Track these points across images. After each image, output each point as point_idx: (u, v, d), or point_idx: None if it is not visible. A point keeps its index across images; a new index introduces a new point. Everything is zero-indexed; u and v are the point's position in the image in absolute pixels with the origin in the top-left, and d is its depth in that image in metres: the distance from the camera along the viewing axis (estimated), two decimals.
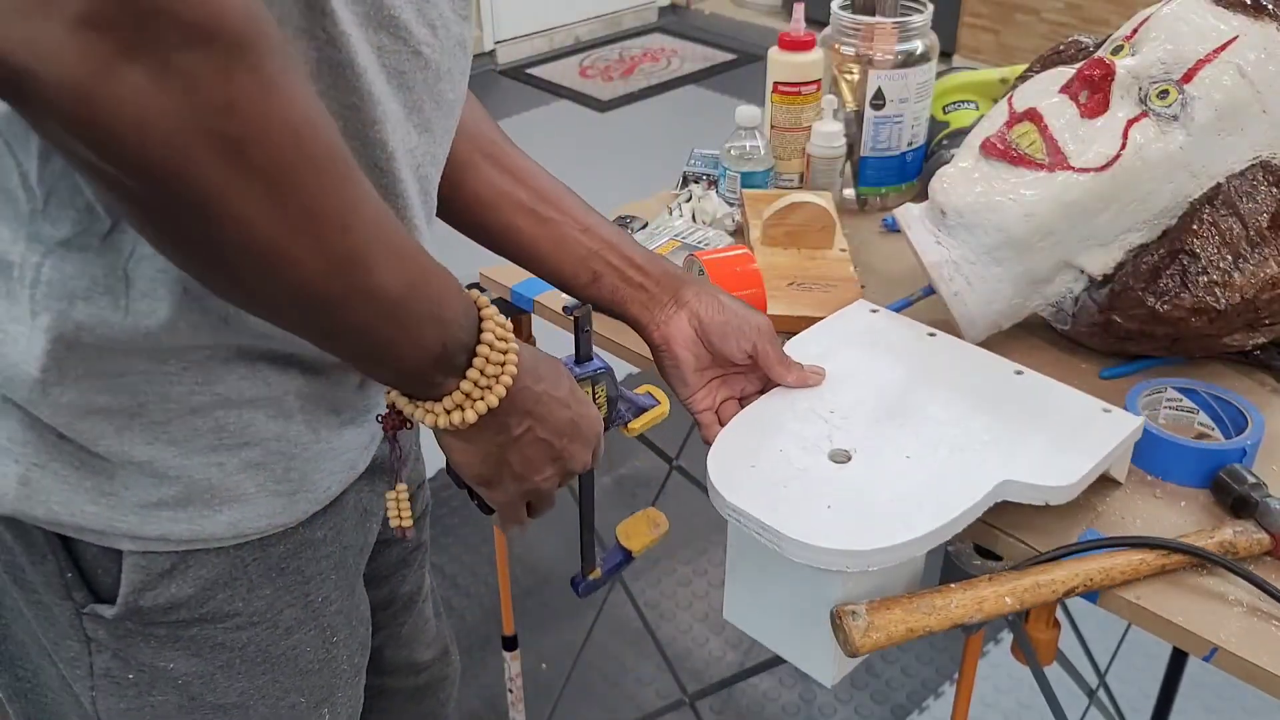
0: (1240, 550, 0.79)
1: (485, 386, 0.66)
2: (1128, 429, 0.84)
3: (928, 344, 0.95)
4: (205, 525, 0.68)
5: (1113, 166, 0.91)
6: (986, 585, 0.75)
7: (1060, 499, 0.79)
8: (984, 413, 0.86)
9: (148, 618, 0.70)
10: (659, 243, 1.18)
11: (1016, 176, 0.94)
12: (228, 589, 0.71)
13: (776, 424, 0.86)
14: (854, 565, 0.74)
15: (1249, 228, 0.90)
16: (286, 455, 0.70)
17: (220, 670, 0.74)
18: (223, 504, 0.68)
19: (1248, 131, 0.91)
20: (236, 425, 0.67)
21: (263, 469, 0.69)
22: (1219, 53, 0.90)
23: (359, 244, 0.55)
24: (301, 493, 0.72)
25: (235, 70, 0.45)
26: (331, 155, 0.52)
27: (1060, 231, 0.94)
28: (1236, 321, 0.93)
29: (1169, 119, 0.91)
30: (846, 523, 0.74)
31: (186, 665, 0.73)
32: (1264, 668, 0.73)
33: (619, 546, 0.91)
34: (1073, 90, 0.94)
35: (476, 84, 3.53)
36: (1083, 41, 1.05)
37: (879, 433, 0.84)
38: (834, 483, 0.79)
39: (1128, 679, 1.82)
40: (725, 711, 1.83)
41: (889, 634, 0.72)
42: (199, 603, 0.71)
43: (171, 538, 0.68)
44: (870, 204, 1.32)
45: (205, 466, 0.67)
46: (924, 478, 0.79)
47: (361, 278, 0.56)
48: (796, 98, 1.27)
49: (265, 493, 0.70)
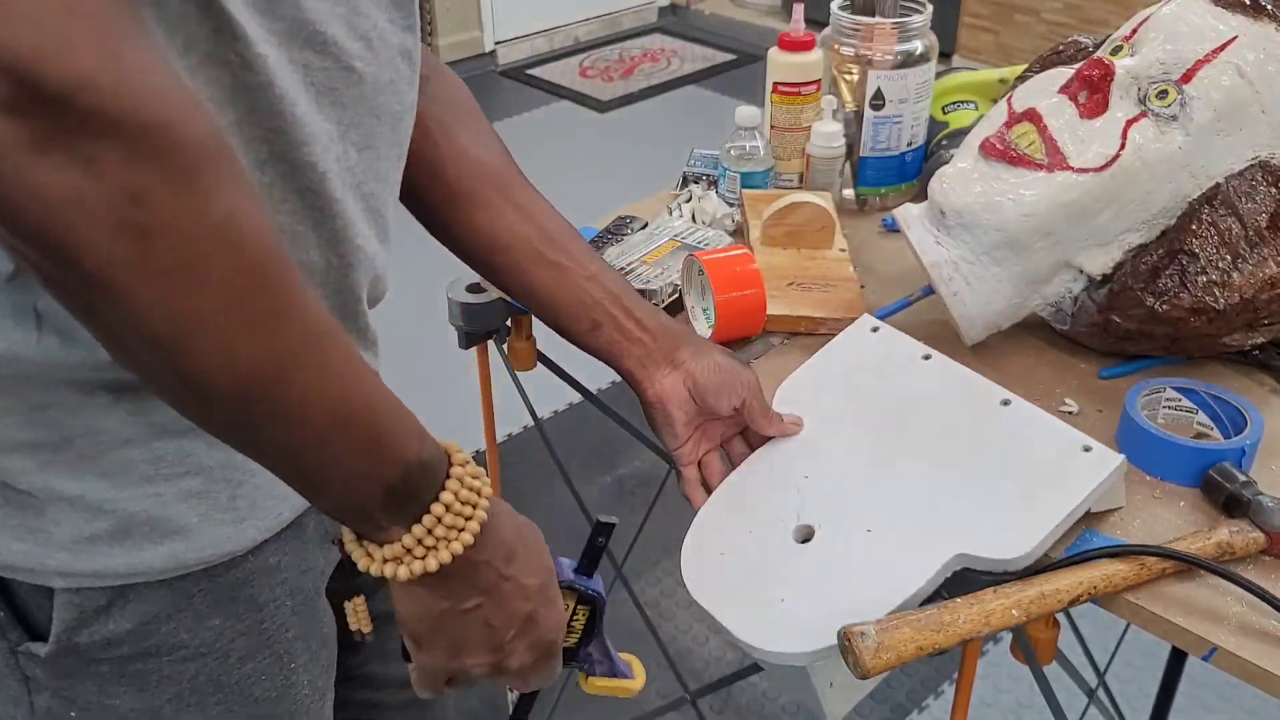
0: (1238, 550, 0.79)
1: (431, 547, 0.61)
2: (1106, 470, 0.81)
3: (919, 370, 0.93)
4: (143, 559, 0.66)
5: (1111, 167, 0.91)
6: (992, 599, 0.75)
7: (1020, 565, 0.78)
8: (955, 464, 0.85)
9: (86, 655, 0.67)
10: (659, 243, 1.19)
11: (1015, 177, 0.94)
12: (171, 621, 0.68)
13: (752, 495, 0.90)
14: (804, 663, 0.77)
15: (1248, 228, 0.90)
16: (232, 482, 0.68)
17: (169, 703, 0.71)
18: (163, 536, 0.66)
19: (1246, 132, 0.91)
20: (175, 455, 0.65)
21: (205, 498, 0.67)
22: (1218, 53, 0.90)
23: (275, 354, 0.51)
24: (250, 520, 0.69)
25: (143, 160, 0.45)
26: (258, 259, 0.50)
27: (1059, 232, 0.94)
28: (1235, 321, 0.93)
29: (1168, 119, 0.91)
30: (798, 621, 0.78)
31: (133, 700, 0.70)
32: (1263, 667, 0.73)
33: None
34: (1072, 90, 0.94)
35: (477, 84, 3.53)
36: (1082, 42, 1.05)
37: (845, 501, 0.85)
38: (792, 568, 0.82)
39: (1127, 678, 1.82)
40: (726, 710, 1.84)
41: (899, 654, 0.72)
42: (140, 637, 0.68)
43: (106, 573, 0.65)
44: (870, 204, 1.32)
45: (141, 499, 0.65)
46: (881, 555, 0.80)
47: (277, 392, 0.52)
48: (796, 98, 1.28)
49: (209, 522, 0.67)
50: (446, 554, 0.62)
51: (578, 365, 1.26)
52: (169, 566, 0.67)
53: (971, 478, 0.83)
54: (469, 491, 0.63)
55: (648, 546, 2.17)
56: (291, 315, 0.52)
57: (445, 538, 0.62)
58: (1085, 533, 0.83)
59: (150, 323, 0.48)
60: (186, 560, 0.67)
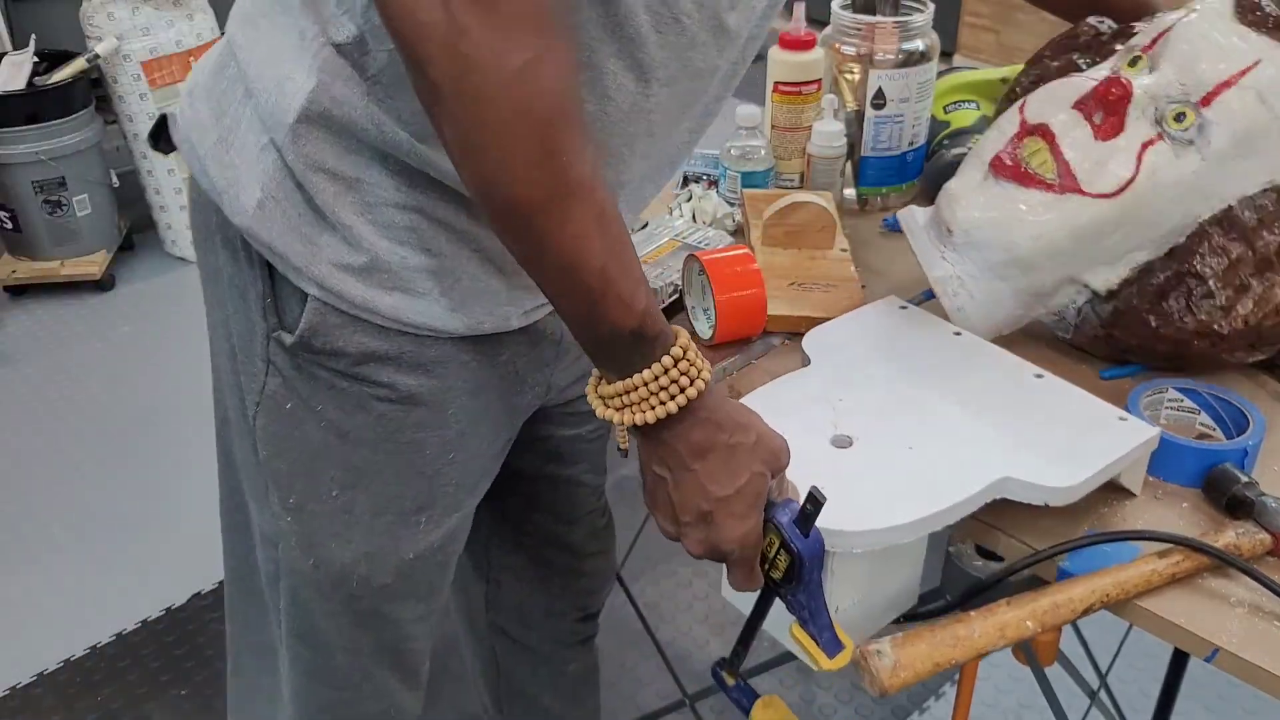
0: (1245, 552, 0.79)
1: (660, 390, 0.72)
2: (1141, 438, 0.83)
3: (952, 342, 0.95)
4: (374, 300, 0.80)
5: (1125, 192, 0.89)
6: (1006, 610, 0.74)
7: (1060, 500, 0.79)
8: (996, 410, 0.85)
9: (315, 358, 0.83)
10: (659, 243, 1.18)
11: (1025, 197, 0.92)
12: (381, 362, 0.83)
13: (786, 404, 0.87)
14: (838, 547, 0.74)
15: (1257, 253, 0.89)
16: (453, 275, 0.82)
17: (356, 429, 0.86)
18: (393, 289, 0.80)
19: (1263, 156, 0.90)
20: (427, 233, 0.80)
21: (435, 277, 0.81)
22: (1240, 77, 0.88)
23: (544, 193, 0.65)
24: (459, 312, 0.83)
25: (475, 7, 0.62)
26: (544, 108, 0.64)
27: (1067, 252, 0.93)
28: (1239, 343, 0.92)
29: (1184, 143, 0.89)
30: (835, 504, 0.74)
31: (332, 412, 0.85)
32: (1265, 668, 0.72)
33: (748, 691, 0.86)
34: (1087, 109, 0.92)
35: None
36: (1099, 28, 1.02)
37: (884, 423, 0.84)
38: (831, 466, 0.80)
39: (1129, 679, 1.82)
40: (725, 712, 1.83)
41: (916, 671, 0.71)
42: (356, 362, 0.83)
43: (346, 298, 0.80)
44: (871, 204, 1.32)
45: (390, 252, 0.79)
46: (922, 468, 0.79)
47: (540, 224, 0.66)
48: (797, 97, 1.27)
49: (429, 296, 0.82)
50: (675, 405, 0.72)
51: None
52: (390, 316, 0.81)
53: (1013, 421, 0.84)
54: (693, 355, 0.73)
55: (647, 548, 2.17)
56: (565, 167, 0.65)
57: (677, 389, 0.72)
58: (1088, 532, 0.83)
59: (456, 131, 0.65)
60: (403, 318, 0.82)
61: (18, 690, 1.88)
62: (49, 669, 1.92)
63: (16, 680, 1.90)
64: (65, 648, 1.95)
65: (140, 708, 1.82)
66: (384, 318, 0.81)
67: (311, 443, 0.87)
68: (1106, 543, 0.79)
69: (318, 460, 0.87)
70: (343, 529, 0.90)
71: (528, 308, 0.88)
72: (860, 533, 0.74)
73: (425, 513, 0.92)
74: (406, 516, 0.91)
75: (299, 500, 0.89)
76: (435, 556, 0.95)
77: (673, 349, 0.72)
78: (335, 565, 0.91)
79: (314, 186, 0.77)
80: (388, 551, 0.92)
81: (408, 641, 1.00)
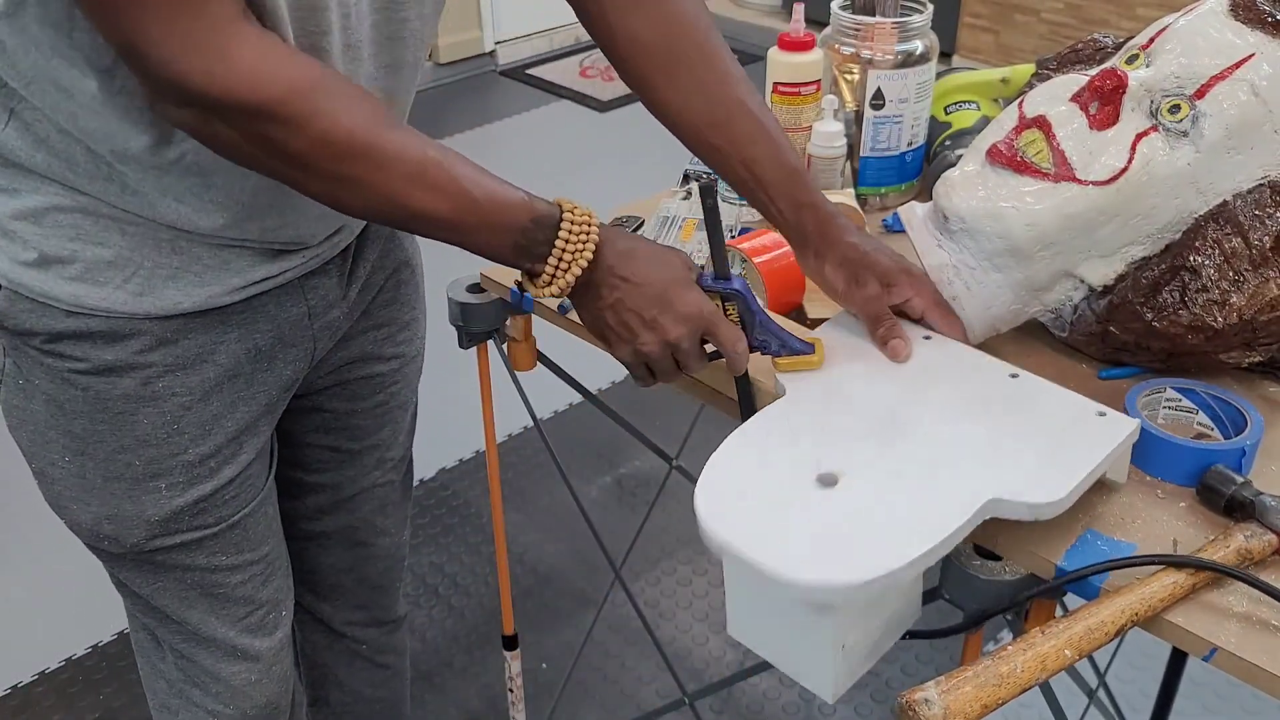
0: (1255, 554, 0.78)
1: (563, 268, 0.87)
2: (1122, 433, 0.83)
3: (922, 347, 0.95)
4: (53, 289, 0.88)
5: (1118, 180, 0.90)
6: (1041, 640, 0.74)
7: (1050, 514, 0.78)
8: (975, 422, 0.85)
9: (20, 339, 0.92)
10: (677, 229, 1.18)
11: (1020, 185, 0.93)
12: (75, 339, 0.90)
13: (767, 445, 0.86)
14: (838, 599, 0.74)
15: (1252, 248, 0.90)
16: (135, 265, 0.89)
17: (69, 401, 0.93)
18: (72, 280, 0.88)
19: (1257, 150, 0.90)
20: (94, 231, 0.88)
21: (114, 268, 0.89)
22: (1234, 70, 0.89)
23: (386, 194, 0.81)
24: (149, 296, 0.90)
25: (259, 120, 0.76)
26: (347, 149, 0.79)
27: (1061, 242, 0.93)
28: (1233, 340, 0.93)
29: (1178, 135, 0.90)
30: (832, 554, 0.74)
31: (46, 386, 0.93)
32: (1263, 668, 0.73)
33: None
34: (1083, 100, 0.93)
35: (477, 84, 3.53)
36: (1101, 40, 1.03)
37: (868, 451, 0.83)
38: (821, 510, 0.79)
39: (1127, 679, 1.82)
40: (725, 711, 1.84)
41: (966, 716, 0.70)
42: (48, 339, 0.91)
43: (25, 288, 0.89)
44: (870, 204, 1.32)
45: (60, 248, 0.88)
46: (910, 499, 0.78)
47: (403, 213, 0.83)
48: (796, 98, 1.28)
49: (111, 285, 0.89)
50: (576, 269, 0.87)
51: (578, 365, 1.27)
52: (72, 304, 0.89)
53: (994, 433, 0.84)
54: (576, 226, 0.86)
55: (647, 547, 2.17)
56: (388, 167, 0.80)
57: (572, 259, 0.87)
58: (1086, 532, 0.83)
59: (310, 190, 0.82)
60: (84, 304, 0.89)
61: (19, 689, 1.88)
62: (50, 668, 1.92)
63: (18, 679, 1.90)
64: (67, 647, 1.96)
65: (141, 707, 1.82)
66: (66, 304, 0.89)
67: (38, 414, 0.95)
68: (1118, 569, 0.79)
69: (48, 430, 0.95)
70: (80, 493, 0.98)
71: (234, 286, 0.94)
72: (864, 584, 0.72)
73: (163, 479, 0.97)
74: (141, 482, 0.97)
75: (39, 466, 0.98)
76: (202, 518, 1.01)
77: (561, 217, 0.86)
78: (83, 525, 1.00)
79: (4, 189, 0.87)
80: (130, 514, 0.98)
81: (218, 588, 1.06)
